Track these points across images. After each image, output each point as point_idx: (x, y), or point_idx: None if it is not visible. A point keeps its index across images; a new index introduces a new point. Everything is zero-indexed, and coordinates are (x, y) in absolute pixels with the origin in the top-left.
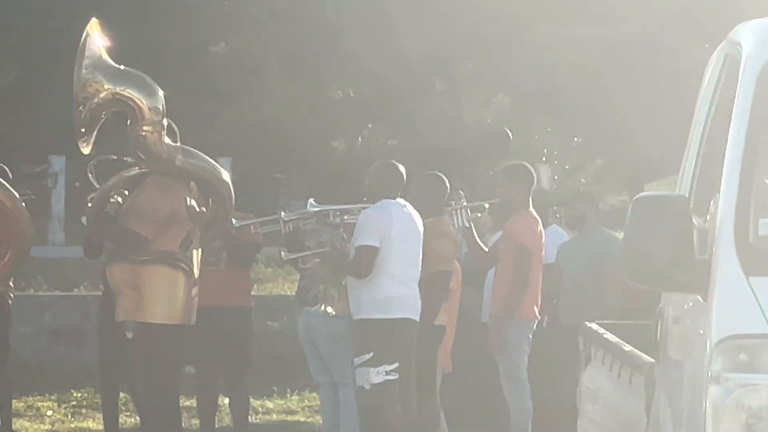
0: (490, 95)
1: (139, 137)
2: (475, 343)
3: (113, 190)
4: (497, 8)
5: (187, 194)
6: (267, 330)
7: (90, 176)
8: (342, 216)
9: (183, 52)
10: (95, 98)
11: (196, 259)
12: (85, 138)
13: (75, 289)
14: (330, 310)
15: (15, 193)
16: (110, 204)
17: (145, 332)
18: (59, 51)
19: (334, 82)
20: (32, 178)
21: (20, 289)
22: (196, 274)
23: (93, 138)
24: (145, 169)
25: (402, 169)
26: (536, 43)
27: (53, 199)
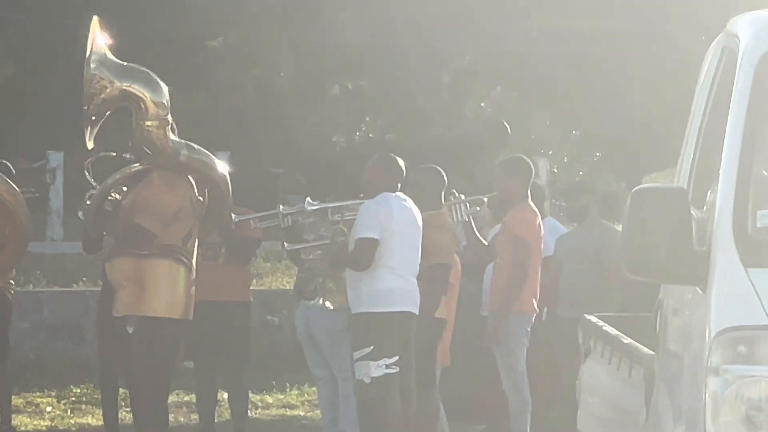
0: (488, 88)
1: (145, 132)
2: (474, 337)
3: (113, 187)
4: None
5: (191, 190)
6: (266, 324)
7: (87, 173)
8: (340, 211)
9: (181, 46)
10: (102, 94)
11: (195, 254)
12: (90, 134)
13: (74, 285)
14: (328, 304)
15: (16, 188)
16: (109, 201)
17: (146, 326)
18: (56, 47)
19: (333, 76)
20: (30, 173)
21: (19, 284)
22: (194, 268)
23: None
24: (147, 165)
25: (401, 162)
26: (533, 36)
27: (51, 194)
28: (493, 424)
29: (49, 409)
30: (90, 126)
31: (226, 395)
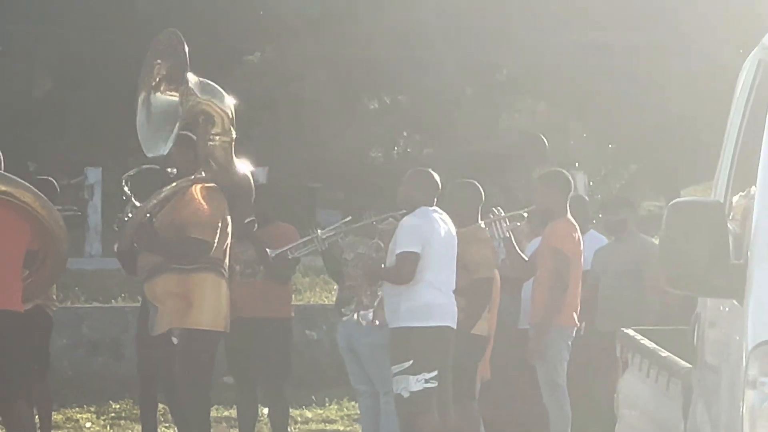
0: (524, 101)
1: (214, 147)
2: (513, 351)
3: (159, 203)
4: (530, 14)
5: (226, 204)
6: (306, 339)
7: (125, 186)
8: (377, 226)
9: (218, 61)
10: (188, 108)
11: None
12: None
13: (113, 301)
14: (368, 319)
15: (52, 205)
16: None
17: (191, 339)
18: (94, 63)
19: (370, 91)
20: (69, 190)
21: (58, 301)
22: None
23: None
24: (202, 180)
25: (437, 176)
26: (570, 49)
27: (90, 210)
28: None
29: (88, 425)
30: (168, 137)
31: (266, 410)
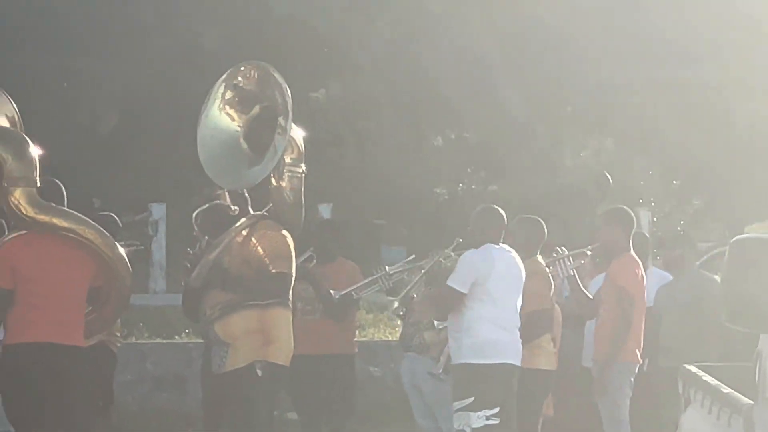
0: (589, 139)
1: (289, 179)
2: (576, 387)
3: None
4: (595, 53)
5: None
6: (369, 376)
7: (194, 223)
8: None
9: None
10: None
11: None
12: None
13: (176, 337)
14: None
15: (114, 241)
16: (193, 254)
17: (272, 373)
18: (158, 99)
19: (435, 127)
20: (133, 226)
21: (122, 337)
22: None
23: None
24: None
25: (502, 213)
26: (634, 87)
27: (154, 247)
28: None
29: None
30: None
31: None
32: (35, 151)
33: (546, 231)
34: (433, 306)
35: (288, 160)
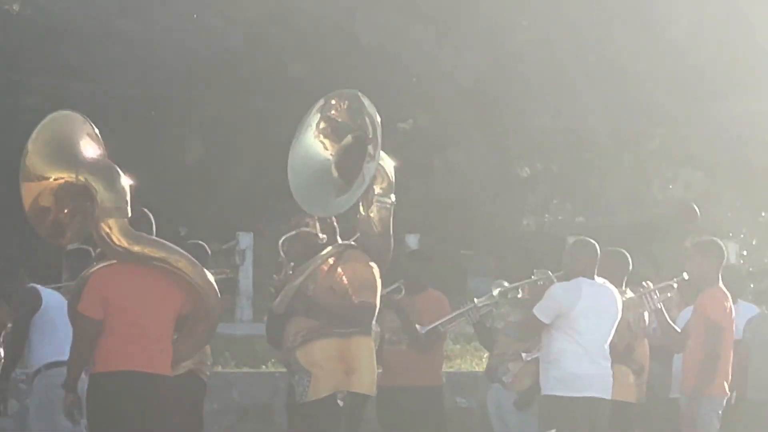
0: (677, 170)
1: (379, 209)
2: (663, 419)
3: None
4: (682, 82)
5: None
6: (456, 407)
7: (281, 251)
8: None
9: None
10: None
11: None
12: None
13: (263, 366)
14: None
15: (205, 270)
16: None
17: (355, 404)
18: (245, 127)
19: (522, 158)
20: (220, 254)
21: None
22: None
23: None
24: (344, 246)
25: (596, 245)
26: (722, 117)
27: (241, 275)
28: None
29: None
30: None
31: None
32: (126, 181)
33: (631, 263)
34: (517, 330)
35: (378, 191)
